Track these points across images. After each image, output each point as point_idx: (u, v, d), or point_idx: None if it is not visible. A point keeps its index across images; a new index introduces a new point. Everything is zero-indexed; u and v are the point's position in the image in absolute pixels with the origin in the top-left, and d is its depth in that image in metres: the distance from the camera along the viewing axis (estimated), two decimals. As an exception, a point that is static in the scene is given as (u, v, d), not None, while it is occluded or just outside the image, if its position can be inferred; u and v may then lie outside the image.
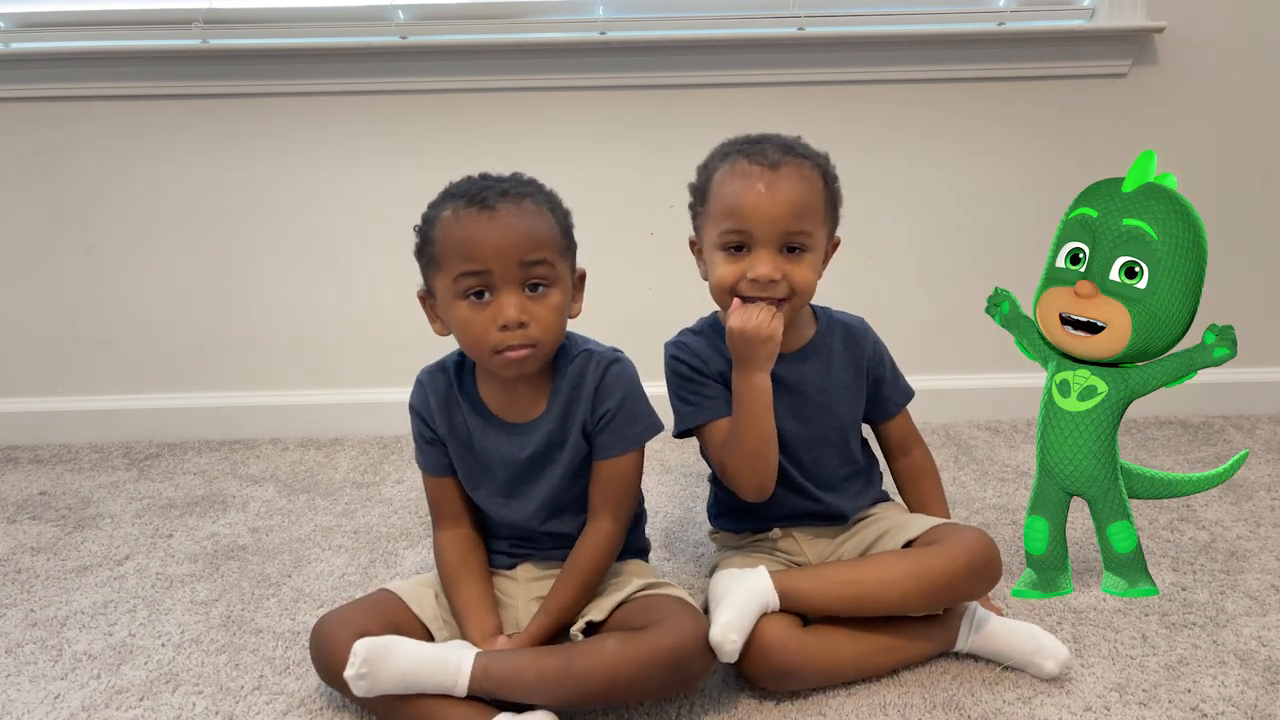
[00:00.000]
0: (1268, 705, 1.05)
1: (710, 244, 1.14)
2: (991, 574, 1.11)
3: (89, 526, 1.63)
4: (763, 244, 1.08)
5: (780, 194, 1.08)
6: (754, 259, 1.09)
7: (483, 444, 1.12)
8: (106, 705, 1.11)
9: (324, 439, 2.04)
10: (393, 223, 1.97)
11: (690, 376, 1.18)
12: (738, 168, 1.11)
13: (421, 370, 1.17)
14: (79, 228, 1.98)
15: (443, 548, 1.15)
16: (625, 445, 1.11)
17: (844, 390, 1.22)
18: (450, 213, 1.03)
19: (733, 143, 1.16)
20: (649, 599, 1.07)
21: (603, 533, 1.11)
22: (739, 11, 1.88)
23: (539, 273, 1.03)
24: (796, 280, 1.09)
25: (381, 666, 0.96)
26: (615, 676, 0.97)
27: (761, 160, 1.09)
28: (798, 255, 1.10)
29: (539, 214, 1.04)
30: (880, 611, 1.09)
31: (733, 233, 1.10)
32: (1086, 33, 1.87)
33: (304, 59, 1.87)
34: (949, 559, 1.09)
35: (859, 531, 1.23)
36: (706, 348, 1.19)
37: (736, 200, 1.09)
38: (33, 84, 1.89)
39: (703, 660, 0.99)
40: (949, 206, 1.98)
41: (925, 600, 1.09)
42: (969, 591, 1.11)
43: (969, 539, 1.11)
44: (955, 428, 2.00)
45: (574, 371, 1.11)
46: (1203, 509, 1.57)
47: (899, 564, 1.10)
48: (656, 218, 1.96)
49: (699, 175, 1.18)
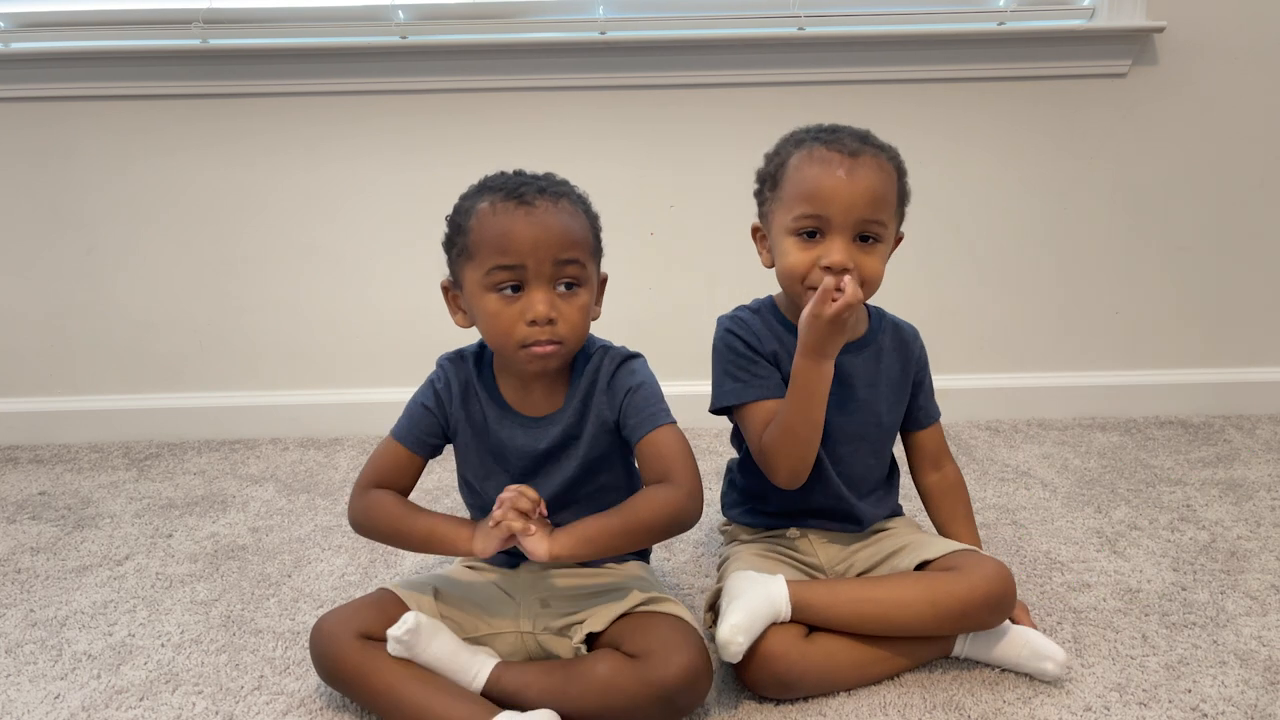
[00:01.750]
0: (1268, 705, 1.05)
1: (781, 229, 1.12)
2: (1006, 607, 1.09)
3: (89, 526, 1.63)
4: (839, 230, 1.08)
5: (860, 181, 1.08)
6: (828, 245, 1.08)
7: (499, 434, 1.12)
8: (106, 705, 1.11)
9: (324, 439, 2.04)
10: (393, 222, 1.99)
11: (743, 352, 1.17)
12: (816, 153, 1.10)
13: (442, 356, 1.17)
14: (79, 227, 1.98)
15: (381, 499, 1.10)
16: (656, 419, 1.07)
17: (889, 389, 1.22)
18: (488, 205, 1.03)
19: (806, 130, 1.16)
20: (647, 617, 1.06)
21: (668, 490, 1.04)
22: (739, 11, 1.88)
23: (571, 272, 1.03)
24: (867, 270, 1.09)
25: (422, 643, 1.02)
26: (606, 706, 0.99)
27: (840, 148, 1.10)
28: (870, 245, 1.10)
29: (575, 214, 1.05)
30: (890, 632, 1.09)
31: (809, 218, 1.09)
32: (1086, 32, 1.87)
33: (304, 59, 1.88)
34: (967, 588, 1.07)
35: (875, 543, 1.22)
36: (762, 327, 1.19)
37: (816, 184, 1.08)
38: (33, 84, 1.89)
39: (690, 696, 1.00)
40: (949, 206, 1.98)
41: (937, 626, 1.09)
42: (982, 622, 1.10)
43: (989, 570, 1.09)
44: (955, 428, 2.00)
45: (591, 367, 1.11)
46: (1203, 509, 1.57)
47: (914, 587, 1.09)
48: (657, 218, 1.96)
49: (769, 162, 1.17)
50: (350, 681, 1.04)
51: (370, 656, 1.03)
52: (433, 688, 1.01)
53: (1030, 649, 1.09)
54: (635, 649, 1.01)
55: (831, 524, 1.23)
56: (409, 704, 1.00)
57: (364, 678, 1.03)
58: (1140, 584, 1.33)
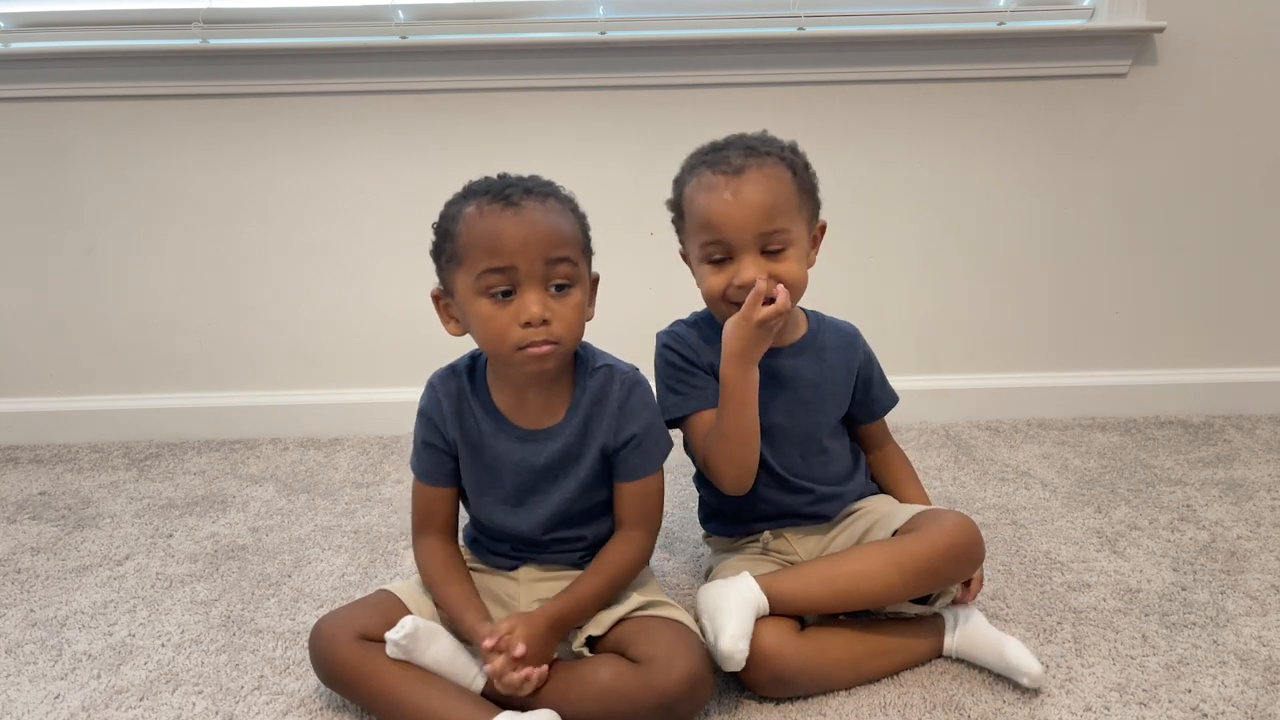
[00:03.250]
0: (1268, 705, 1.05)
1: (695, 257, 1.16)
2: (973, 556, 1.11)
3: (89, 526, 1.63)
4: (742, 250, 1.10)
5: (748, 199, 1.09)
6: (738, 266, 1.11)
7: (494, 449, 1.12)
8: (106, 705, 1.11)
9: (324, 439, 2.04)
10: (393, 222, 1.99)
11: (681, 366, 1.20)
12: (704, 180, 1.12)
13: (433, 374, 1.16)
14: (79, 227, 1.98)
15: (431, 552, 1.14)
16: (650, 468, 1.12)
17: (832, 387, 1.24)
18: (474, 209, 1.03)
19: (698, 153, 1.18)
20: (649, 621, 1.06)
21: (636, 541, 1.12)
22: (739, 11, 1.88)
23: (562, 271, 1.03)
24: (786, 277, 1.10)
25: (420, 647, 1.02)
26: (607, 711, 0.99)
27: (725, 169, 1.11)
28: (780, 254, 1.11)
29: (563, 212, 1.05)
30: (867, 603, 1.10)
31: (711, 244, 1.12)
32: (1086, 33, 1.87)
33: (304, 59, 1.87)
34: (928, 544, 1.09)
35: (849, 526, 1.23)
36: (698, 339, 1.21)
37: (707, 213, 1.11)
38: (33, 84, 1.89)
39: (691, 703, 1.00)
40: (949, 206, 1.98)
41: (908, 587, 1.09)
42: (951, 575, 1.11)
43: (948, 523, 1.12)
44: (955, 428, 2.00)
45: (595, 385, 1.11)
46: (1203, 509, 1.57)
47: (879, 555, 1.10)
48: (656, 218, 1.94)
49: (674, 190, 1.20)
50: (350, 683, 1.04)
51: (370, 658, 1.03)
52: (432, 688, 1.01)
53: (1004, 662, 1.09)
54: (637, 654, 1.01)
55: (802, 521, 1.24)
56: (409, 705, 1.00)
57: (363, 679, 1.03)
58: (1140, 584, 1.33)
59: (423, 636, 1.03)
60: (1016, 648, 1.09)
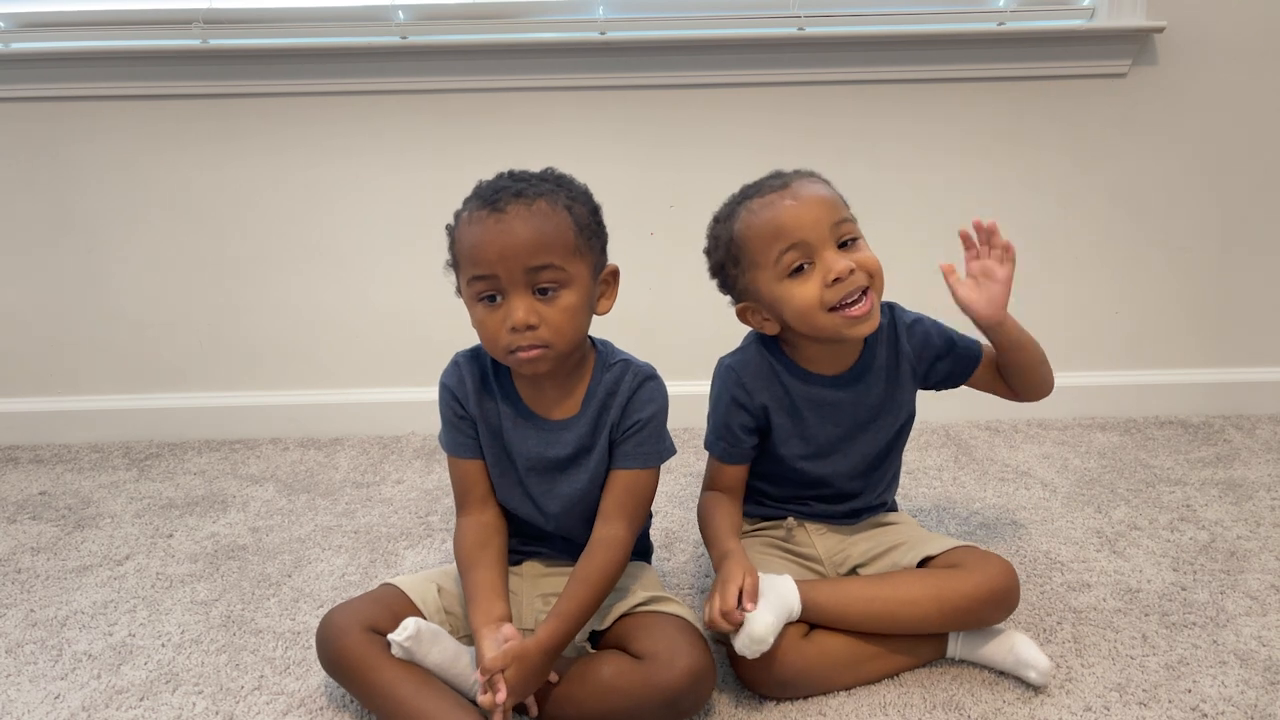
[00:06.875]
0: (1268, 705, 1.05)
1: (773, 278, 1.13)
2: (1011, 603, 1.11)
3: (89, 526, 1.63)
4: (821, 246, 1.10)
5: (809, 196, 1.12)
6: (821, 263, 1.10)
7: (511, 436, 1.12)
8: (106, 705, 1.11)
9: (324, 439, 2.04)
10: (393, 223, 1.98)
11: (741, 420, 1.20)
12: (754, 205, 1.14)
13: (458, 353, 1.16)
14: (79, 227, 1.98)
15: (463, 532, 1.13)
16: (646, 461, 1.11)
17: (892, 403, 1.23)
18: (466, 214, 1.04)
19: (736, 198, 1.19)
20: (652, 617, 1.06)
21: (616, 539, 1.09)
22: (739, 11, 1.88)
23: (546, 277, 1.02)
24: (868, 264, 1.13)
25: (422, 649, 1.03)
26: (610, 707, 0.99)
27: (773, 185, 1.15)
28: (855, 244, 1.14)
29: (550, 215, 1.02)
30: (897, 630, 1.10)
31: (790, 251, 1.09)
32: (1086, 33, 1.87)
33: (304, 59, 1.87)
34: (972, 586, 1.08)
35: (873, 535, 1.23)
36: (755, 373, 1.20)
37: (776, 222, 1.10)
38: (33, 84, 1.89)
39: (694, 699, 1.00)
40: (948, 206, 1.98)
41: (944, 623, 1.09)
42: (986, 619, 1.10)
43: (994, 568, 1.10)
44: (955, 428, 2.00)
45: (610, 379, 1.11)
46: (1203, 509, 1.57)
47: (921, 586, 1.10)
48: (657, 218, 1.96)
49: (719, 233, 1.20)
50: (350, 674, 1.04)
51: (374, 652, 1.03)
52: (428, 692, 1.01)
53: (1015, 656, 1.09)
54: (640, 650, 1.01)
55: (830, 519, 1.25)
56: (406, 705, 1.00)
57: (364, 672, 1.03)
58: (1140, 584, 1.33)
59: (425, 638, 1.03)
60: (1025, 643, 1.09)
